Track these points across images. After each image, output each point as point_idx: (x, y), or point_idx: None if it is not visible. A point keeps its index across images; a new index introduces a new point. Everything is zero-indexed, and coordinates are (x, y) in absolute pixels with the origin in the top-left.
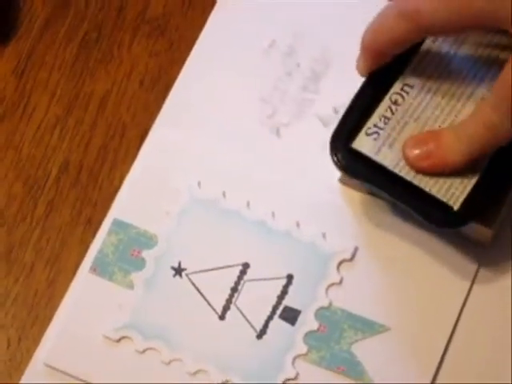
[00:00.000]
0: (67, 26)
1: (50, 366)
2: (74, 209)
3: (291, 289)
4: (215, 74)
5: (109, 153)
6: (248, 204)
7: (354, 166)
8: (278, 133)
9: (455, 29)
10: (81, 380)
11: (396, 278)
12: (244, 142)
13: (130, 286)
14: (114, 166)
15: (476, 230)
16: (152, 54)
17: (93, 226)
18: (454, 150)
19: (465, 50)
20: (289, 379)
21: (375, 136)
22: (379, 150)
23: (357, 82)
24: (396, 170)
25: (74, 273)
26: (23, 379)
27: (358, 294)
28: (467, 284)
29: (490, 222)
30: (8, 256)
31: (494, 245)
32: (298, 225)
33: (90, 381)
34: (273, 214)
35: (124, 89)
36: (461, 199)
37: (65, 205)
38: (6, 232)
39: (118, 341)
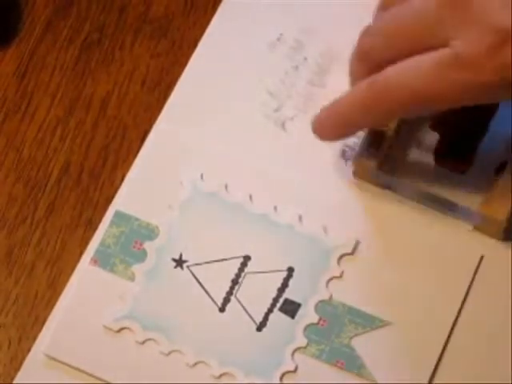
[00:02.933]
0: (69, 28)
1: (50, 357)
2: (74, 210)
3: (292, 282)
4: (221, 66)
5: (110, 154)
6: (250, 197)
7: None
8: (283, 126)
9: (400, 55)
10: (80, 370)
11: (397, 272)
12: (249, 136)
13: (131, 278)
14: (115, 167)
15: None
16: (154, 55)
17: (93, 227)
18: None
19: None
20: (288, 372)
21: None
22: None
23: None
24: None
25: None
26: (22, 369)
27: (359, 288)
28: (468, 280)
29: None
30: (9, 257)
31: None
32: (300, 218)
33: (89, 371)
34: (275, 208)
35: (125, 90)
36: None
37: (65, 206)
38: (7, 233)
39: (118, 331)
